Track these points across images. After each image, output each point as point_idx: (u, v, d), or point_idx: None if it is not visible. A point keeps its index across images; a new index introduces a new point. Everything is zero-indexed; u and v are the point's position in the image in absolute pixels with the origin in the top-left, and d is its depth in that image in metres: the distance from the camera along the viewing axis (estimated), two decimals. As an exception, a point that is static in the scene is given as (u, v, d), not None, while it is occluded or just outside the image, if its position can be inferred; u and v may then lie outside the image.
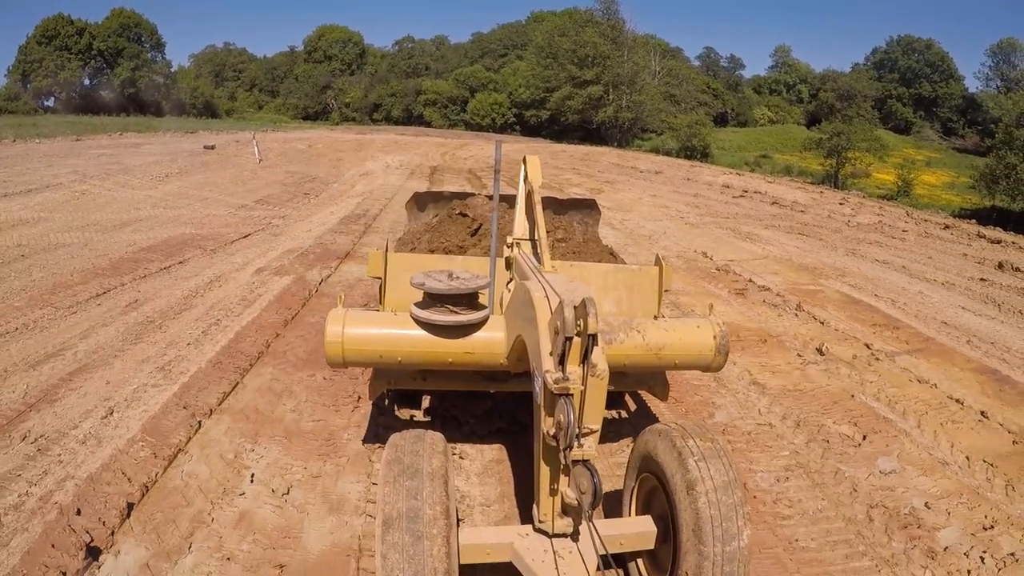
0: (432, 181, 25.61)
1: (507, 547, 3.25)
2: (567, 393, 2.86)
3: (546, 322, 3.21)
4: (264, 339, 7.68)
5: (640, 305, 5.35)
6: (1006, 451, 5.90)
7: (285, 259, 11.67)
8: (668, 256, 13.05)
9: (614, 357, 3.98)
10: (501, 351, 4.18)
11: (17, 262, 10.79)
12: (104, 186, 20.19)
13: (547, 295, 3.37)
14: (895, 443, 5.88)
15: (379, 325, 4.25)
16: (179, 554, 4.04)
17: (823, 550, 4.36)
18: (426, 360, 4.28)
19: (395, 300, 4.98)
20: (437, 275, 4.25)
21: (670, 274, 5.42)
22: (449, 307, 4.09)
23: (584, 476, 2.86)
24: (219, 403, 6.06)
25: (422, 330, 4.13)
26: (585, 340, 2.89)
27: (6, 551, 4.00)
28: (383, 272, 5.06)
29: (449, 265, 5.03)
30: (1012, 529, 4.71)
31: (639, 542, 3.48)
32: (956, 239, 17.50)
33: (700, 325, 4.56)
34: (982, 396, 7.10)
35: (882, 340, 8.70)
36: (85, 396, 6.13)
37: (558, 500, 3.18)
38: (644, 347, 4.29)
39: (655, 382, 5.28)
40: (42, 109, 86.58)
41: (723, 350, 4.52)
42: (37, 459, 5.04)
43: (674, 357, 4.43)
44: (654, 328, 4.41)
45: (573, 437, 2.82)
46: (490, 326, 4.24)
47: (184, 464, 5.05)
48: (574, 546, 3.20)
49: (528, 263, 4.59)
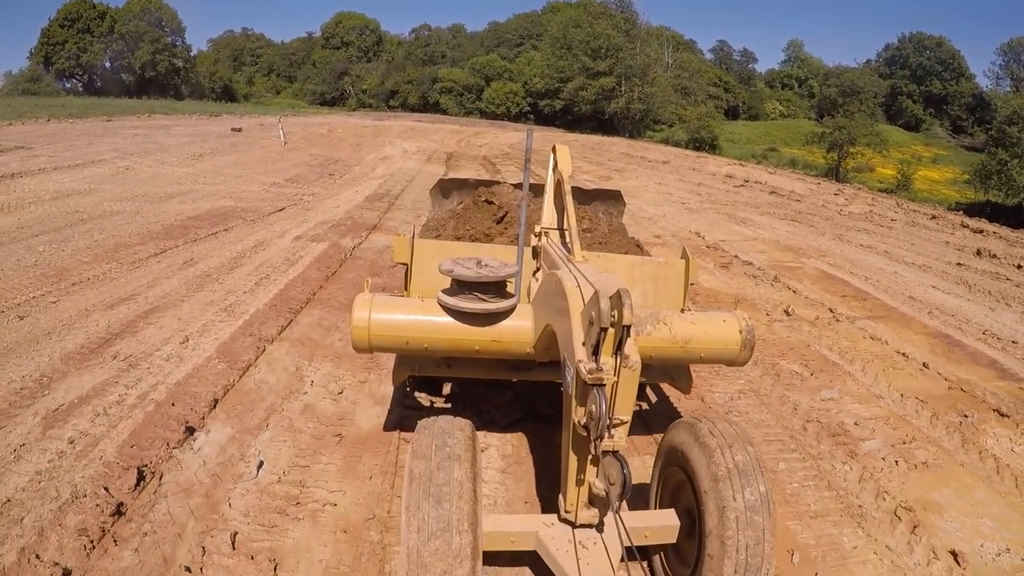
0: (448, 166, 26.76)
1: (532, 536, 3.31)
2: (600, 384, 2.89)
3: (579, 312, 3.21)
4: (310, 289, 8.91)
5: (665, 298, 5.39)
6: (939, 393, 6.93)
7: (319, 229, 12.87)
8: (664, 236, 14.26)
9: (641, 348, 3.95)
10: (528, 340, 4.17)
11: (78, 225, 12.05)
12: (144, 163, 21.63)
13: (579, 285, 3.38)
14: (838, 380, 7.01)
15: (406, 311, 4.22)
16: (259, 431, 5.28)
17: (760, 444, 5.52)
18: (453, 347, 4.27)
19: (420, 286, 5.04)
20: (466, 262, 4.24)
21: (696, 268, 5.45)
22: (477, 294, 4.08)
23: (614, 467, 2.90)
24: (278, 333, 7.32)
25: (449, 317, 4.13)
26: (619, 331, 2.91)
27: (115, 431, 5.20)
28: (409, 258, 5.08)
29: (476, 253, 5.02)
30: (928, 445, 5.78)
31: (663, 535, 3.49)
32: (941, 228, 18.38)
33: (726, 319, 4.57)
34: (930, 354, 8.07)
35: (847, 307, 9.74)
36: (161, 328, 7.34)
37: (584, 490, 3.21)
38: (671, 340, 4.31)
39: (679, 375, 5.27)
40: (64, 91, 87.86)
41: (749, 345, 4.53)
42: (130, 371, 6.26)
43: (700, 350, 4.45)
44: (680, 321, 4.41)
45: (604, 427, 2.85)
46: (518, 315, 4.23)
47: (255, 374, 6.30)
48: (599, 537, 3.25)
49: (557, 252, 4.59)
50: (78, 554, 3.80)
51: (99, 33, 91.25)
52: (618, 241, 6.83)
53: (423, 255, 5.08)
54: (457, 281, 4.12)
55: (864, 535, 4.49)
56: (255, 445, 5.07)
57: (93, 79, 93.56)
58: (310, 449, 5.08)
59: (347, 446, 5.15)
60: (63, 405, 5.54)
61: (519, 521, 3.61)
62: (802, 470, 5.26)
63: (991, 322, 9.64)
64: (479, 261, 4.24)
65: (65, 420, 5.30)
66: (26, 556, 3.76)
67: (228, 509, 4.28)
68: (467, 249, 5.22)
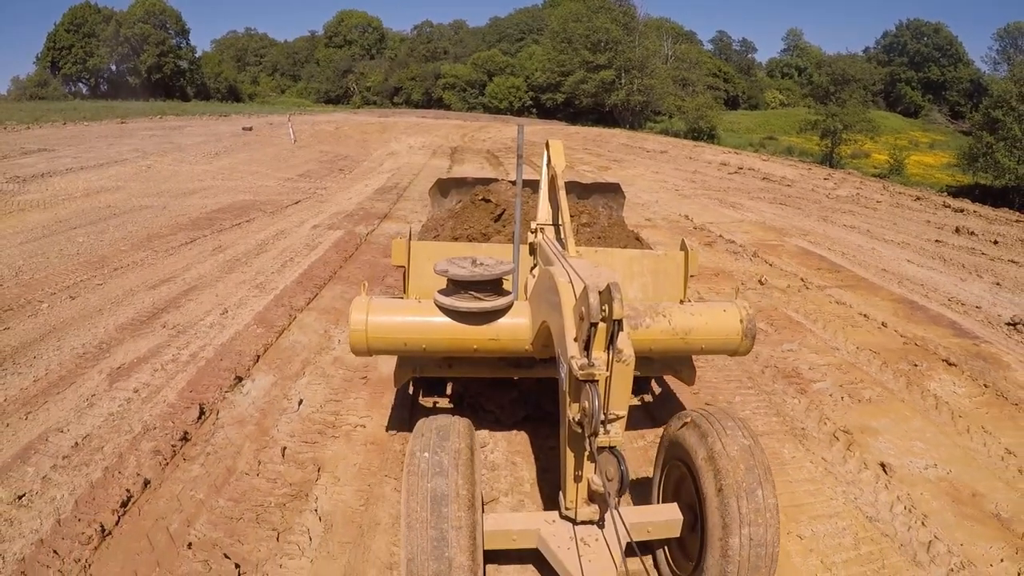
0: (453, 160, 27.72)
1: (533, 533, 3.30)
2: (592, 379, 2.87)
3: (571, 308, 3.19)
4: (331, 269, 9.89)
5: (666, 290, 5.36)
6: (894, 347, 7.69)
7: (335, 219, 13.87)
8: (655, 219, 15.13)
9: (640, 342, 4.02)
10: (526, 337, 4.14)
11: (112, 219, 13.08)
12: (164, 161, 22.80)
13: (571, 280, 3.35)
14: (799, 336, 7.88)
15: (403, 313, 4.20)
16: (296, 378, 6.26)
17: (720, 383, 6.46)
18: (451, 347, 4.25)
19: (419, 288, 4.99)
20: (460, 261, 4.23)
21: (696, 259, 5.44)
22: (473, 293, 4.07)
23: (611, 463, 2.91)
24: (307, 304, 8.32)
25: (446, 317, 4.10)
26: (610, 325, 2.89)
27: (174, 381, 6.16)
28: (406, 260, 5.05)
29: (473, 252, 4.92)
30: (874, 386, 6.62)
31: (665, 530, 3.47)
32: (923, 209, 19.07)
33: (727, 309, 4.51)
34: (891, 316, 8.80)
35: (820, 278, 10.54)
36: (202, 303, 8.32)
37: (584, 487, 3.21)
38: (670, 332, 4.26)
39: (681, 366, 5.22)
40: (71, 95, 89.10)
41: (750, 334, 4.47)
42: (179, 337, 7.22)
43: (700, 342, 4.39)
44: (680, 312, 4.36)
45: (598, 424, 2.84)
46: (515, 312, 4.20)
47: (289, 336, 7.29)
48: (600, 533, 3.23)
49: (552, 248, 4.55)
50: (154, 468, 4.72)
51: (104, 37, 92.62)
52: (618, 234, 6.83)
53: (421, 257, 5.04)
54: (453, 281, 4.10)
55: (804, 449, 5.35)
56: (295, 388, 6.05)
57: (99, 83, 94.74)
58: (341, 389, 6.07)
59: (371, 386, 6.13)
60: (124, 364, 6.50)
61: (520, 519, 3.64)
62: (755, 402, 6.16)
63: (959, 291, 10.24)
64: (474, 260, 4.24)
65: (128, 375, 6.26)
66: (110, 472, 4.67)
67: (276, 433, 5.25)
68: (464, 249, 5.14)
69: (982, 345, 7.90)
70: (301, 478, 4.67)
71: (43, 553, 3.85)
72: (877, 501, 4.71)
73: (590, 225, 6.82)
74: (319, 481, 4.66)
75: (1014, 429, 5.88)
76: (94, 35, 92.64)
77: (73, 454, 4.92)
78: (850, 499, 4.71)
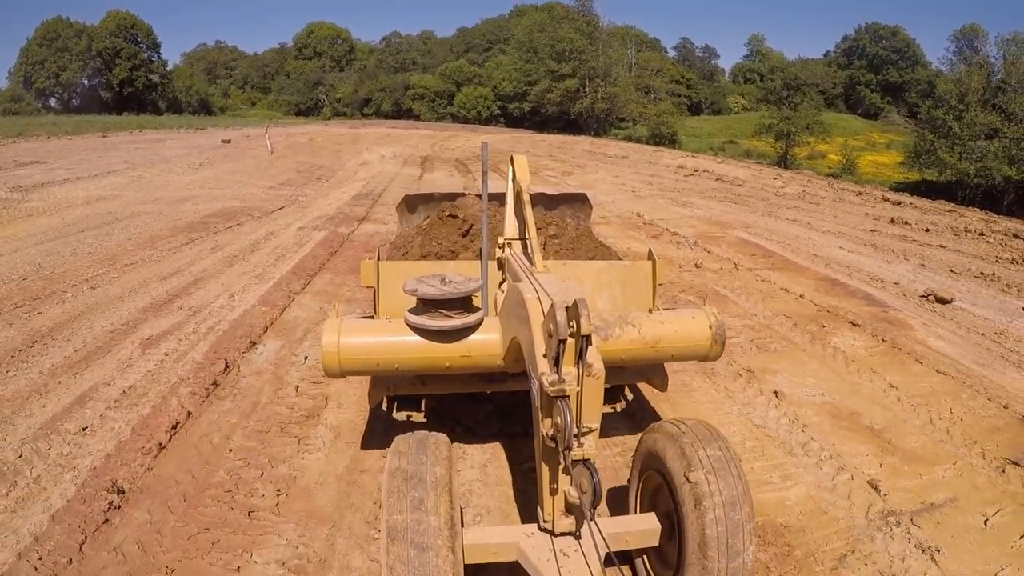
0: (424, 168, 29.11)
1: (513, 546, 3.28)
2: (563, 395, 2.90)
3: (539, 325, 3.24)
4: (319, 262, 11.20)
5: (635, 300, 5.43)
6: (807, 313, 8.85)
7: (317, 222, 15.17)
8: (609, 216, 16.48)
9: (611, 352, 4.08)
10: (498, 352, 4.15)
11: (114, 223, 14.30)
12: (153, 172, 24.17)
13: (539, 297, 3.39)
14: (722, 306, 9.11)
15: (375, 333, 4.21)
16: (300, 342, 7.58)
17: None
18: (423, 365, 4.24)
19: (389, 308, 5.03)
20: (430, 280, 4.22)
21: (663, 268, 5.55)
22: (443, 312, 4.08)
23: (584, 476, 2.93)
24: (303, 288, 9.65)
25: (418, 336, 4.11)
26: (579, 341, 2.91)
27: (198, 347, 7.40)
28: (376, 281, 5.10)
29: (442, 270, 4.90)
30: (781, 340, 7.80)
31: (643, 539, 3.49)
32: (864, 203, 20.47)
33: (695, 316, 4.54)
34: (811, 291, 9.89)
35: (751, 262, 11.81)
36: (210, 291, 9.57)
37: (560, 499, 3.21)
38: (640, 341, 4.28)
39: (654, 374, 5.25)
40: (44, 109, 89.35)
41: (719, 339, 4.50)
42: (195, 316, 8.47)
43: (671, 349, 4.42)
44: (649, 321, 4.39)
45: (571, 438, 2.86)
46: (485, 328, 4.21)
47: (290, 312, 8.61)
48: (578, 544, 3.23)
49: (520, 264, 4.54)
50: (194, 404, 5.98)
51: (77, 51, 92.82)
52: (586, 245, 6.93)
53: (390, 277, 5.09)
54: (423, 300, 4.11)
55: (710, 383, 6.64)
56: (300, 348, 7.36)
57: (72, 97, 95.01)
58: (338, 347, 7.38)
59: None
60: (152, 336, 7.73)
61: (500, 533, 3.58)
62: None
63: (883, 271, 11.25)
64: (443, 278, 4.23)
65: (157, 344, 7.49)
66: (157, 409, 5.90)
67: (289, 378, 6.57)
68: (432, 268, 5.18)
69: (891, 312, 9.04)
70: (313, 406, 5.99)
71: (112, 463, 5.02)
72: (767, 416, 5.98)
73: (558, 236, 6.93)
74: (327, 407, 5.97)
75: (901, 371, 7.04)
76: (67, 49, 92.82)
77: (122, 399, 6.12)
78: (744, 415, 5.99)
